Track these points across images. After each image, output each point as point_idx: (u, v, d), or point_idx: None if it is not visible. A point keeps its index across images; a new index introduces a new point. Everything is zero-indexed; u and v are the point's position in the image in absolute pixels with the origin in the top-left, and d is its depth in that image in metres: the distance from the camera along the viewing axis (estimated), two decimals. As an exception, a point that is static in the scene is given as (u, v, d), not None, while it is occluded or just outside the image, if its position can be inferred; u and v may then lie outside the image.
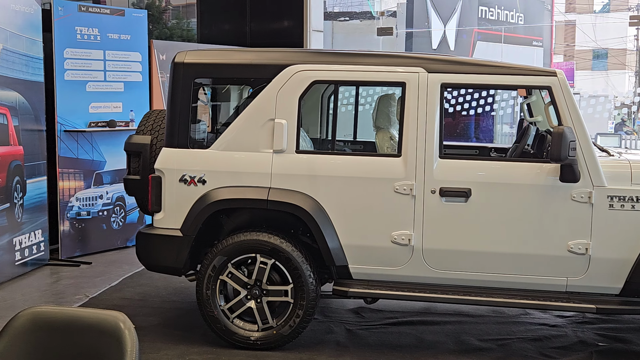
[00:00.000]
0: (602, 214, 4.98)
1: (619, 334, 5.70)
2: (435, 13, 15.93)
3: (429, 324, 5.93)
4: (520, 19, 18.56)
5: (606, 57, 50.70)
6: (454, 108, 15.53)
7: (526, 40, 18.49)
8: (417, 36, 15.81)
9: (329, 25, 15.82)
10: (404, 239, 5.13)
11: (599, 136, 19.38)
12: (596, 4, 50.04)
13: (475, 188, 5.06)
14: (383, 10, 14.23)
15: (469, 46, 16.08)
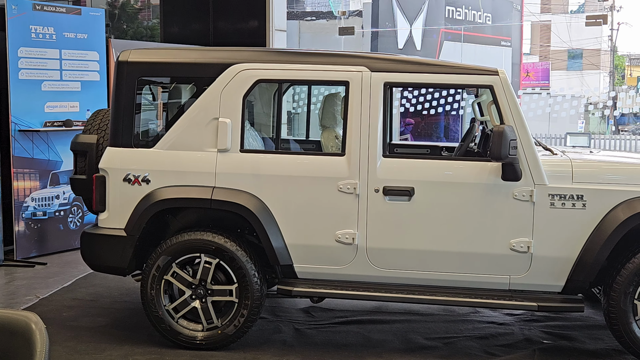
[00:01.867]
0: (544, 212, 5.01)
1: (564, 332, 5.74)
2: (401, 13, 15.95)
3: (378, 323, 5.94)
4: (488, 19, 18.63)
5: (581, 57, 51.06)
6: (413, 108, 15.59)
7: (494, 40, 18.56)
8: (382, 36, 15.82)
9: (295, 25, 15.82)
10: (348, 238, 5.13)
11: (569, 136, 19.48)
12: (571, 5, 50.40)
13: (418, 187, 5.07)
14: (344, 10, 14.23)
15: (436, 46, 16.13)
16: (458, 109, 16.05)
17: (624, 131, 38.00)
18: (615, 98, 35.85)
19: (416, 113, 15.75)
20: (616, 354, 5.23)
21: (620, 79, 59.54)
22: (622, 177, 5.07)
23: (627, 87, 47.34)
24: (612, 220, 4.95)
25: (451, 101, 15.73)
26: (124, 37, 19.91)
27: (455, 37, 16.46)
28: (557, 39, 48.16)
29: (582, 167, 5.10)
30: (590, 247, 4.96)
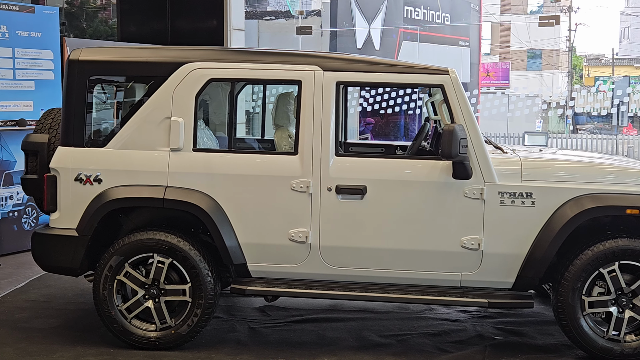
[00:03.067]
0: (494, 210, 5.07)
1: (515, 328, 5.82)
2: (360, 13, 16.01)
3: (333, 321, 5.96)
4: (447, 19, 18.79)
5: (540, 57, 51.73)
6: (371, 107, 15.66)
7: (453, 40, 18.72)
8: (341, 35, 15.86)
9: (255, 24, 15.79)
10: (301, 236, 5.14)
11: (527, 135, 19.67)
12: (530, 5, 51.04)
13: (370, 185, 5.10)
14: (302, 10, 14.25)
15: (395, 46, 16.22)
16: (415, 109, 16.16)
17: (581, 130, 38.62)
18: (573, 98, 36.39)
19: (376, 112, 15.82)
20: (565, 349, 5.32)
21: (579, 79, 60.41)
22: (570, 175, 5.15)
23: (585, 86, 48.09)
24: (560, 217, 5.03)
25: (408, 100, 15.83)
26: (82, 36, 19.70)
27: (414, 37, 16.57)
28: (516, 39, 48.73)
29: (531, 166, 5.17)
30: (539, 244, 5.04)
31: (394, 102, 15.74)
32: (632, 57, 58.98)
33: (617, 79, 41.08)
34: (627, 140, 24.61)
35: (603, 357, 5.07)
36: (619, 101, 19.61)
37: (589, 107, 42.23)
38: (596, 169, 5.28)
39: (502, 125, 21.60)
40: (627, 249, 5.02)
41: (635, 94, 34.54)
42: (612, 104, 28.57)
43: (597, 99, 43.72)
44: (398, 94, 15.50)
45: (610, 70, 52.14)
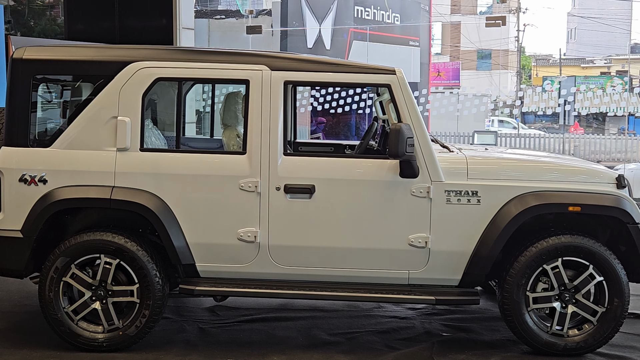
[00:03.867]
0: (440, 208, 5.13)
1: (463, 324, 5.90)
2: (310, 12, 16.03)
3: (283, 320, 5.97)
4: (397, 19, 18.92)
5: (490, 57, 52.39)
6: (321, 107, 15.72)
7: (403, 40, 18.87)
8: (292, 35, 15.86)
9: (205, 23, 15.71)
10: (250, 236, 5.14)
11: (476, 134, 19.92)
12: (480, 6, 51.65)
13: (319, 184, 5.12)
14: (252, 9, 14.22)
15: (345, 46, 16.29)
16: (365, 108, 16.25)
17: (530, 129, 39.18)
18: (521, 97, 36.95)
19: (327, 112, 15.87)
20: (511, 344, 5.41)
21: (527, 78, 61.36)
22: (515, 173, 5.24)
23: (533, 86, 48.85)
24: (505, 215, 5.11)
25: (359, 100, 15.91)
26: (30, 34, 19.36)
27: (364, 36, 16.66)
28: (466, 39, 49.28)
29: (476, 164, 5.25)
30: (485, 241, 5.11)
31: (345, 101, 15.81)
32: (579, 57, 60.17)
33: (563, 78, 41.83)
34: (574, 139, 25.12)
35: (547, 351, 5.17)
36: (565, 100, 19.99)
37: (535, 106, 42.96)
38: (540, 167, 5.38)
39: (452, 125, 21.85)
40: (569, 245, 5.13)
41: (580, 94, 35.25)
42: (558, 104, 29.09)
43: (542, 99, 44.51)
44: (348, 94, 15.56)
45: (558, 70, 53.08)
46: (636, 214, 5.20)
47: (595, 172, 5.40)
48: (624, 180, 5.34)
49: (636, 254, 5.21)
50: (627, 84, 40.69)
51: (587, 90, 37.19)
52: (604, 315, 5.16)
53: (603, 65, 56.08)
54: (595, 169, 5.51)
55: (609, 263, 5.12)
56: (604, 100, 38.94)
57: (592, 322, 5.18)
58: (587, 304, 5.17)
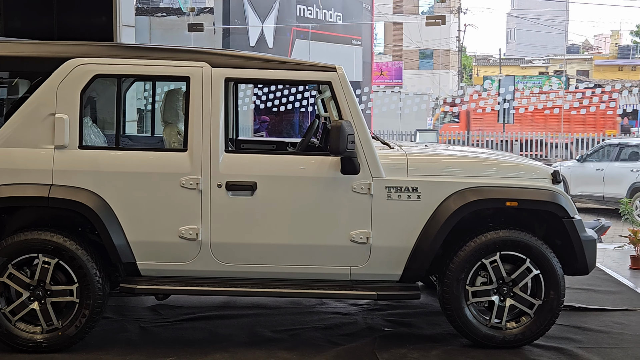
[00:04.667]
0: (381, 204, 5.17)
1: (404, 319, 5.96)
2: (253, 10, 15.99)
3: (225, 318, 5.95)
4: (339, 18, 19.01)
5: (432, 57, 52.97)
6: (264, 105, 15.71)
7: (345, 39, 18.96)
8: (234, 33, 15.80)
9: (146, 21, 15.55)
10: (192, 233, 5.11)
11: (418, 132, 20.10)
12: (422, 6, 52.15)
13: (260, 182, 5.12)
14: (193, 7, 14.13)
15: (288, 44, 16.30)
16: (308, 106, 16.29)
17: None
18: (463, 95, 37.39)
19: (270, 110, 15.85)
20: (451, 338, 5.48)
21: (468, 78, 62.22)
22: (454, 169, 5.32)
23: (474, 85, 49.53)
24: (444, 211, 5.18)
25: (301, 98, 15.94)
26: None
27: (307, 35, 16.68)
28: (409, 39, 49.75)
29: (416, 161, 5.31)
30: (425, 237, 5.17)
31: (288, 99, 15.82)
32: (518, 57, 61.24)
33: (501, 77, 42.47)
34: (513, 137, 25.55)
35: (486, 344, 5.26)
36: (504, 99, 20.33)
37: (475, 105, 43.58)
38: (478, 163, 5.47)
39: (394, 123, 22.04)
40: (507, 239, 5.22)
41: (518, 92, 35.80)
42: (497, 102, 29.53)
43: (482, 97, 45.17)
44: (291, 92, 15.58)
45: (497, 70, 53.93)
46: (571, 209, 5.33)
47: (531, 168, 5.51)
48: (559, 176, 5.47)
49: (571, 247, 5.34)
50: (565, 83, 41.51)
51: (526, 89, 37.86)
52: (541, 307, 5.27)
53: (541, 65, 57.19)
54: (532, 165, 5.63)
55: (545, 257, 5.23)
56: (541, 98, 39.72)
57: (529, 315, 5.29)
58: (525, 297, 5.28)
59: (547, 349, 5.27)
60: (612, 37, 67.35)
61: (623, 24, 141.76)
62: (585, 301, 6.55)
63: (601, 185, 15.19)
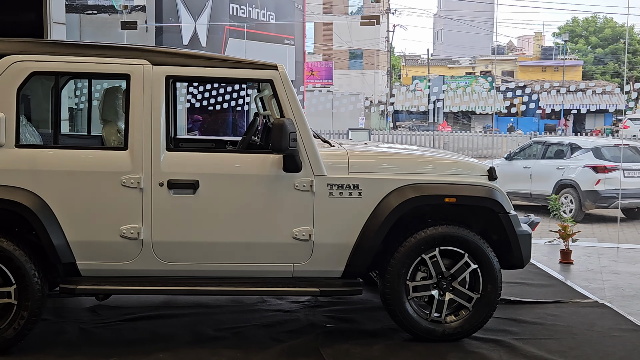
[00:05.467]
0: (323, 201, 5.21)
1: (345, 315, 6.02)
2: (185, 8, 15.88)
3: (166, 318, 5.91)
4: (272, 17, 19.02)
5: (362, 57, 53.41)
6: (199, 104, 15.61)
7: (278, 38, 18.99)
8: (167, 31, 15.65)
9: (76, 18, 15.25)
10: (133, 232, 5.06)
11: (350, 131, 20.27)
12: (351, 6, 52.50)
13: (203, 180, 5.10)
14: (127, 4, 13.95)
15: (221, 43, 16.23)
16: (243, 105, 16.26)
17: (401, 127, 40.34)
18: (393, 95, 37.87)
19: (204, 110, 15.76)
20: (392, 333, 5.56)
21: (397, 78, 62.94)
22: (394, 166, 5.40)
23: (404, 85, 50.18)
24: (385, 207, 5.25)
25: (236, 97, 15.89)
26: None
27: (240, 34, 16.62)
28: (339, 39, 50.03)
29: (357, 158, 5.37)
30: (367, 233, 5.24)
31: (222, 98, 15.75)
32: (445, 57, 62.28)
33: (433, 77, 43.16)
34: (443, 136, 26.02)
35: (427, 338, 5.36)
36: (435, 99, 20.67)
37: (408, 104, 44.21)
38: (417, 160, 5.57)
39: (327, 122, 22.17)
40: (446, 235, 5.33)
41: (450, 91, 36.49)
42: (428, 102, 30.06)
43: (415, 96, 45.84)
44: (226, 91, 15.51)
45: (426, 70, 54.76)
46: (507, 204, 5.48)
47: (468, 165, 5.64)
48: (495, 173, 5.60)
49: (507, 242, 5.49)
50: (491, 83, 42.45)
51: (456, 89, 38.56)
52: (479, 301, 5.40)
53: (468, 65, 58.30)
54: (468, 162, 5.76)
55: (482, 251, 5.36)
56: (472, 97, 40.55)
57: (467, 308, 5.41)
58: (463, 291, 5.40)
59: (485, 341, 5.40)
60: (536, 38, 69.18)
61: (546, 26, 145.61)
62: (519, 294, 6.73)
63: (529, 182, 15.56)
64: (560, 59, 53.39)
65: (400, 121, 46.48)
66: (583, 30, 62.02)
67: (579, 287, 7.20)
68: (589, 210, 14.54)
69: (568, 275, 7.83)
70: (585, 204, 14.39)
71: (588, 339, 5.54)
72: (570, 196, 14.62)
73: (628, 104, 11.63)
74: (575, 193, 14.57)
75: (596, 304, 6.58)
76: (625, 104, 40.75)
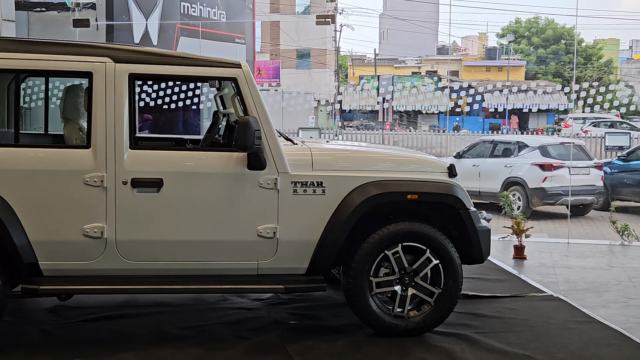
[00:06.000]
0: (287, 199, 5.24)
1: (309, 312, 6.06)
2: (136, 6, 15.71)
3: (129, 317, 5.87)
4: (223, 16, 18.95)
5: (309, 56, 53.50)
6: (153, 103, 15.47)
7: (229, 37, 18.93)
8: (118, 29, 15.46)
9: (24, 15, 14.96)
10: (97, 231, 5.01)
11: (300, 130, 20.32)
12: (298, 5, 52.52)
13: (166, 178, 5.08)
14: (79, 2, 13.72)
15: (173, 41, 16.11)
16: (197, 104, 16.17)
17: (349, 126, 40.48)
18: (341, 93, 38.02)
19: (154, 109, 15.62)
20: (355, 329, 5.62)
21: (344, 77, 63.22)
22: (357, 164, 5.46)
23: (351, 85, 50.46)
24: (348, 204, 5.30)
25: (191, 96, 15.78)
26: None
27: (191, 32, 16.51)
28: (286, 38, 50.03)
29: (320, 156, 5.41)
30: (330, 230, 5.28)
31: (175, 97, 15.63)
32: (391, 57, 62.78)
33: (387, 76, 43.41)
34: (393, 135, 26.23)
35: (390, 333, 5.43)
36: (383, 98, 20.84)
37: (355, 104, 44.46)
38: (380, 158, 5.64)
39: (278, 121, 22.11)
40: (408, 231, 5.41)
41: (396, 92, 36.81)
42: (377, 101, 30.28)
43: (362, 97, 46.11)
44: (174, 91, 15.40)
45: (372, 70, 55.14)
46: (467, 201, 5.58)
47: (429, 162, 5.73)
48: (455, 170, 5.70)
49: (467, 237, 5.59)
50: (437, 83, 42.95)
51: (403, 89, 38.95)
52: (441, 296, 5.49)
53: (414, 65, 58.88)
54: (429, 159, 5.85)
55: (444, 247, 5.46)
56: (418, 98, 40.99)
57: (430, 303, 5.49)
58: (425, 286, 5.48)
59: (447, 335, 5.49)
60: (480, 39, 70.22)
61: (490, 26, 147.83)
62: (477, 289, 6.86)
63: (477, 180, 15.76)
64: (504, 59, 54.29)
65: (348, 120, 46.72)
66: (526, 31, 63.16)
67: (534, 282, 7.36)
68: (536, 207, 14.83)
69: (522, 270, 8.00)
70: (532, 201, 14.66)
71: (546, 332, 5.68)
72: (518, 193, 14.88)
73: (575, 103, 11.86)
74: (522, 190, 14.83)
75: (551, 298, 6.74)
76: (566, 104, 41.71)
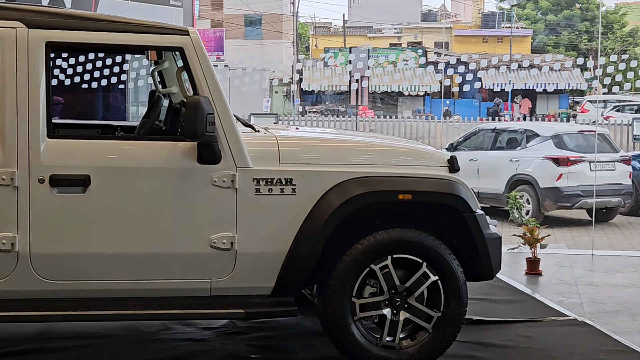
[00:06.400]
0: (248, 200, 5.24)
1: (273, 343, 6.09)
2: (45, -40, 15.53)
3: (44, 352, 5.83)
4: (153, -27, 18.79)
5: (260, 23, 53.47)
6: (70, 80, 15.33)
7: (163, -1, 18.79)
8: (23, -12, 15.24)
9: None
10: (6, 243, 4.97)
11: (252, 117, 20.30)
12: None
13: (95, 175, 5.05)
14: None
15: (91, 2, 15.92)
16: (126, 82, 16.08)
17: (312, 112, 40.47)
18: (299, 71, 37.94)
19: (66, 89, 15.46)
20: (333, 363, 5.66)
21: (305, 50, 63.24)
22: (335, 156, 5.47)
23: (313, 59, 50.52)
24: (325, 207, 5.31)
25: (116, 72, 15.68)
26: None
27: (115, -8, 16.38)
28: (231, 0, 49.99)
29: (289, 146, 5.43)
30: (303, 239, 5.29)
31: (91, 75, 15.50)
32: (364, 25, 62.96)
33: (361, 48, 43.35)
34: (369, 122, 26.31)
35: (378, 367, 5.46)
36: (360, 76, 20.88)
37: (319, 84, 44.44)
38: (364, 149, 5.66)
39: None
40: (400, 240, 5.45)
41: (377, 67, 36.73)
42: (349, 81, 30.13)
43: (326, 75, 46.12)
44: (95, 66, 15.27)
45: (341, 41, 55.25)
46: (472, 202, 5.61)
47: (424, 154, 5.77)
48: (457, 163, 5.71)
49: (473, 247, 5.63)
50: (422, 57, 43.09)
51: (377, 65, 39.01)
52: (440, 320, 5.54)
53: (393, 35, 59.20)
54: (424, 149, 5.91)
55: (444, 260, 5.50)
56: (394, 77, 41.10)
57: (427, 330, 5.54)
58: (421, 309, 5.52)
59: (448, 370, 5.56)
60: (475, 2, 70.74)
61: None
62: (482, 313, 6.94)
63: (475, 178, 15.72)
64: (506, 27, 54.78)
65: (311, 104, 46.79)
66: (531, -8, 63.80)
67: (553, 303, 7.47)
68: (549, 211, 14.87)
69: (538, 289, 8.11)
70: (544, 203, 14.72)
71: (570, 364, 5.78)
72: (527, 195, 14.94)
73: (599, 82, 11.91)
74: (532, 191, 14.90)
75: (575, 322, 6.85)
76: (582, 84, 42.20)
